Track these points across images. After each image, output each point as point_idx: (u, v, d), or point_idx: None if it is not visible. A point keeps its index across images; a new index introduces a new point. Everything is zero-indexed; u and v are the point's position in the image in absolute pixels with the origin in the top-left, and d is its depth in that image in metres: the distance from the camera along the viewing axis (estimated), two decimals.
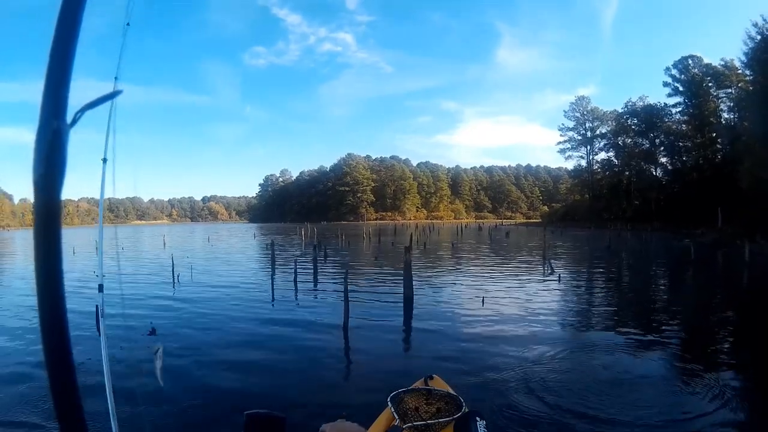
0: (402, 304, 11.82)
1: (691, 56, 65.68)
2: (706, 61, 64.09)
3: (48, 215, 0.71)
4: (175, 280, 16.67)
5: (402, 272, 12.85)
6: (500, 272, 19.70)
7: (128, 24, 2.57)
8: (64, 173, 0.72)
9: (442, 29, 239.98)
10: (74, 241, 47.04)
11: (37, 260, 0.70)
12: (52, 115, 0.71)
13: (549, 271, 19.00)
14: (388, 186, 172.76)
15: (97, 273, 2.82)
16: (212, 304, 12.73)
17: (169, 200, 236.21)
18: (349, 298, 9.79)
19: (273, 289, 13.45)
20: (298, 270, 16.05)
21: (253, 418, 3.22)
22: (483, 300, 12.32)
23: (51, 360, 0.71)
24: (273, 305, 12.58)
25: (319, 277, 16.97)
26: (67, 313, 0.72)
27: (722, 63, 60.31)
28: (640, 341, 8.60)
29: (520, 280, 16.96)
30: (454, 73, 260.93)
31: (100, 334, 2.64)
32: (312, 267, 18.14)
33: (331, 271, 19.69)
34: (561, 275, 17.45)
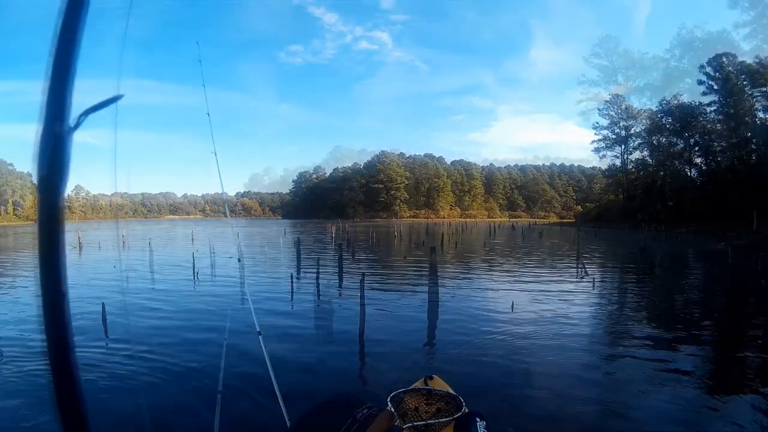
0: (427, 307, 11.59)
1: (726, 54, 63.16)
2: (740, 59, 61.67)
3: (50, 217, 0.72)
4: (195, 278, 17.05)
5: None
6: (532, 274, 19.24)
7: (128, 25, 2.39)
8: (67, 176, 0.73)
9: (476, 27, 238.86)
10: (104, 234, 48.44)
11: (41, 259, 0.72)
12: (54, 118, 0.72)
13: (583, 275, 18.41)
14: (421, 184, 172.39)
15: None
16: (224, 304, 12.71)
17: (203, 195, 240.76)
18: (373, 300, 9.60)
19: (293, 291, 13.24)
20: (322, 270, 15.91)
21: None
22: (513, 304, 11.91)
23: (53, 354, 0.73)
24: (292, 307, 12.47)
25: (344, 278, 16.78)
26: (70, 310, 0.74)
27: (757, 60, 58.04)
28: (677, 362, 7.88)
29: (552, 283, 16.51)
30: (488, 71, 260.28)
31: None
32: (337, 267, 17.92)
33: (357, 271, 19.49)
34: (595, 279, 16.86)
